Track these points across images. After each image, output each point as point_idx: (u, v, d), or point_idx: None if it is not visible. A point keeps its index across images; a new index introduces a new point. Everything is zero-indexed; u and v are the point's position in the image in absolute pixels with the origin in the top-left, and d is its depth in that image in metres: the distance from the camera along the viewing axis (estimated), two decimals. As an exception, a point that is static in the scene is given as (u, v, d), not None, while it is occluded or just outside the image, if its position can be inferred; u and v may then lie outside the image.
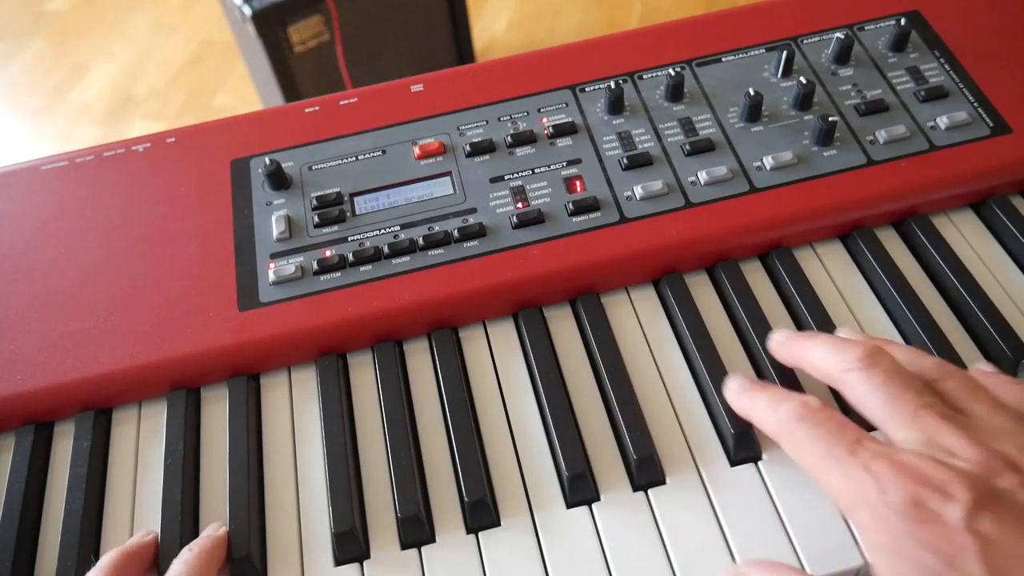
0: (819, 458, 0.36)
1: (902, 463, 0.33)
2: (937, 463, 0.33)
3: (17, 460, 0.46)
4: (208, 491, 0.45)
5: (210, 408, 0.48)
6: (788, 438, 0.38)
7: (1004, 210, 0.51)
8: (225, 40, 2.17)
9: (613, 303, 0.50)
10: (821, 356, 0.40)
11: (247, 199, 0.54)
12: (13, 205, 0.55)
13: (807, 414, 0.37)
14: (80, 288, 0.50)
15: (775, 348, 0.44)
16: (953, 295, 0.48)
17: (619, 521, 0.41)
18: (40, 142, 2.03)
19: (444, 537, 0.42)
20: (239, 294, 0.49)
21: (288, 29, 1.46)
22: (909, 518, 0.32)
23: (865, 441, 0.35)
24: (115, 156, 0.57)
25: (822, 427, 0.36)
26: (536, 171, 0.53)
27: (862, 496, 0.33)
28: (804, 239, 0.52)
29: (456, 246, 0.50)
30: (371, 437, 0.46)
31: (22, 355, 0.48)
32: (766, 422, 0.39)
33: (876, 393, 0.36)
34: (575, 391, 0.47)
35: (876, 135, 0.53)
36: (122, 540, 0.43)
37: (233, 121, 0.58)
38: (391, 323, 0.48)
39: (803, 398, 0.38)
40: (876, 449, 0.34)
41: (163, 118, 2.04)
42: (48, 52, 2.27)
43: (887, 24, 0.59)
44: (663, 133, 0.54)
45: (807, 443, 0.36)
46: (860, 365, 0.37)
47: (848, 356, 0.38)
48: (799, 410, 0.37)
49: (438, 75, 0.60)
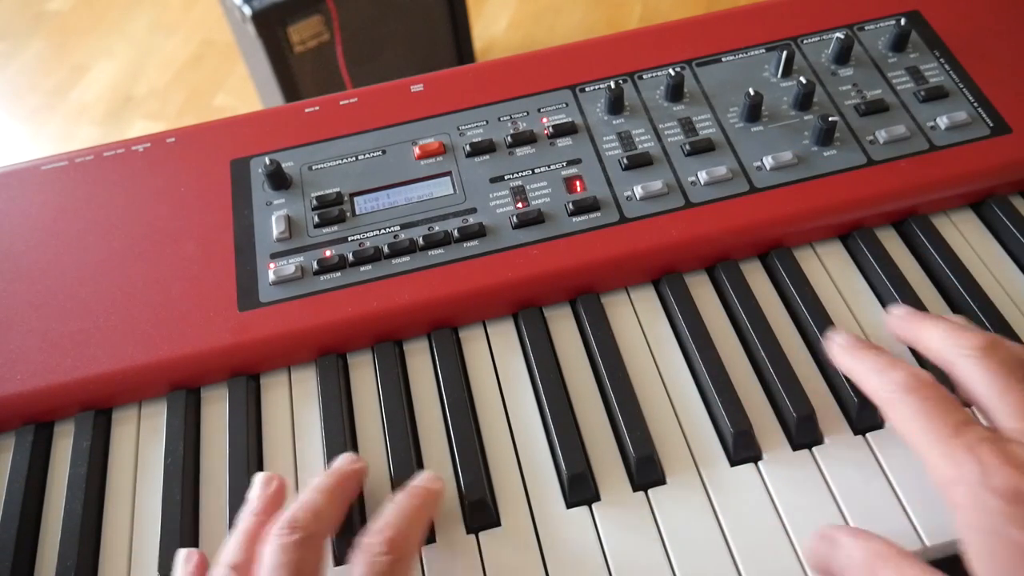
0: (923, 432, 0.36)
1: (1008, 451, 0.33)
2: None
3: (17, 460, 0.46)
4: (208, 491, 0.45)
5: (210, 408, 0.48)
6: (893, 407, 0.38)
7: (1004, 210, 0.51)
8: (225, 40, 2.17)
9: (613, 303, 0.50)
10: (940, 336, 0.40)
11: (247, 199, 0.54)
12: (13, 205, 0.55)
13: (918, 386, 0.37)
14: (80, 288, 0.50)
15: (893, 322, 0.44)
16: (953, 295, 0.48)
17: (619, 521, 0.41)
18: (40, 142, 2.03)
19: (444, 537, 0.42)
20: (239, 294, 0.49)
21: (288, 29, 1.46)
22: (1009, 502, 0.32)
23: (972, 423, 0.35)
24: (115, 156, 0.57)
25: (931, 402, 0.36)
26: (536, 171, 0.53)
27: (963, 476, 0.34)
28: (804, 239, 0.52)
29: (456, 246, 0.50)
30: (371, 437, 0.46)
31: (22, 355, 0.48)
32: (869, 384, 0.40)
33: (989, 381, 0.37)
34: (575, 391, 0.47)
35: (876, 135, 0.53)
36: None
37: (233, 121, 0.58)
38: (391, 323, 0.49)
39: (914, 369, 0.38)
40: (983, 433, 0.35)
41: (163, 118, 2.04)
42: (48, 52, 2.27)
43: (887, 24, 0.59)
44: (663, 133, 0.54)
45: (913, 416, 0.37)
46: (978, 352, 0.38)
47: (966, 342, 0.38)
48: (910, 381, 0.38)
49: (438, 75, 0.60)
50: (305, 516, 0.38)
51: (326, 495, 0.39)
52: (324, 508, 0.38)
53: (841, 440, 0.43)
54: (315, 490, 0.39)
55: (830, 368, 0.45)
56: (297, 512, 0.38)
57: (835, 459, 0.42)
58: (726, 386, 0.44)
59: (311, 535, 0.37)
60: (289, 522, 0.37)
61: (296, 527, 0.37)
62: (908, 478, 0.41)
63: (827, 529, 0.37)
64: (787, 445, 0.43)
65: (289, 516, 0.38)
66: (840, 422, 0.44)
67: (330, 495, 0.39)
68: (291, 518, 0.37)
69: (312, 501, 0.39)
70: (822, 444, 0.43)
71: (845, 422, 0.44)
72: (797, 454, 0.43)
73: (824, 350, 0.45)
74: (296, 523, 0.37)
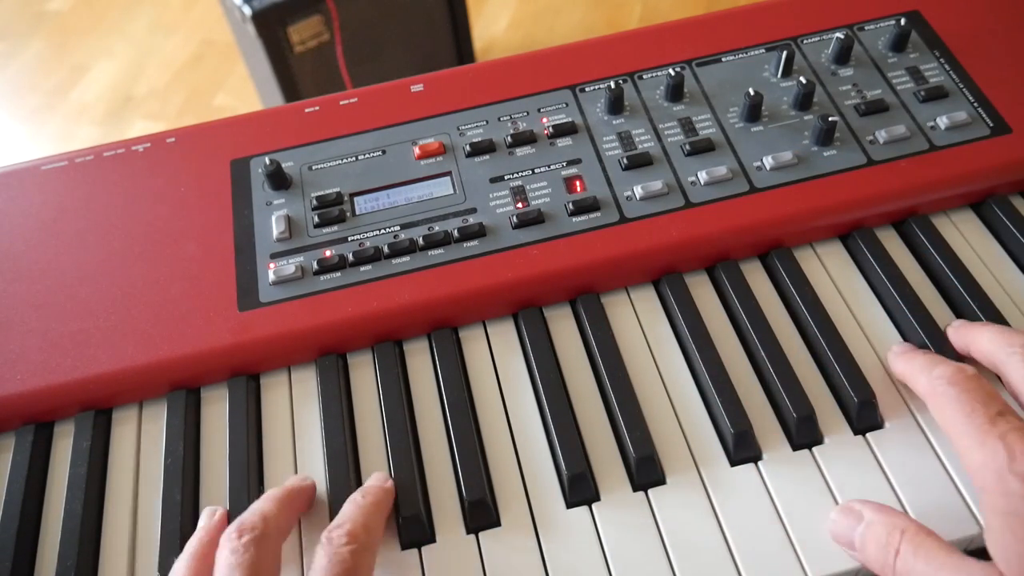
0: (960, 422, 0.37)
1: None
2: None
3: (17, 460, 0.46)
4: (208, 491, 0.45)
5: (210, 408, 0.48)
6: (936, 399, 0.39)
7: (1004, 210, 0.51)
8: (225, 40, 2.17)
9: (613, 303, 0.50)
10: (988, 338, 0.41)
11: (247, 199, 0.54)
12: (13, 205, 0.55)
13: (960, 379, 0.39)
14: (80, 288, 0.50)
15: (951, 333, 0.45)
16: (953, 295, 0.48)
17: (619, 521, 0.41)
18: (40, 142, 2.03)
19: (444, 537, 0.42)
20: (239, 294, 0.49)
21: (288, 29, 1.46)
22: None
23: (1008, 415, 0.36)
24: (115, 156, 0.57)
25: (970, 393, 0.38)
26: (536, 171, 0.53)
27: (991, 462, 0.34)
28: (804, 239, 0.52)
29: (456, 246, 0.50)
30: (371, 437, 0.46)
31: (22, 355, 0.48)
32: (919, 382, 0.41)
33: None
34: (575, 391, 0.47)
35: (876, 135, 0.53)
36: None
37: (233, 121, 0.58)
38: (391, 323, 0.48)
39: (959, 364, 0.40)
40: (1017, 424, 0.35)
41: (163, 118, 2.04)
42: (48, 52, 2.27)
43: (887, 24, 0.59)
44: (663, 133, 0.54)
45: (952, 406, 0.38)
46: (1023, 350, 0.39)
47: (1014, 340, 0.40)
48: (953, 374, 0.39)
49: (438, 75, 0.60)
50: (252, 519, 0.38)
51: (274, 502, 0.40)
52: (272, 513, 0.39)
53: (841, 440, 0.43)
54: (264, 499, 0.40)
55: (830, 368, 0.45)
56: (245, 517, 0.39)
57: (835, 459, 0.42)
58: (726, 386, 0.44)
59: (262, 535, 0.37)
60: (238, 526, 0.38)
61: (244, 529, 0.38)
62: (908, 478, 0.41)
63: (852, 502, 0.39)
64: (787, 445, 0.43)
65: (238, 522, 0.38)
66: (840, 422, 0.44)
67: (278, 502, 0.40)
68: (239, 523, 0.38)
69: (259, 507, 0.39)
70: (822, 444, 0.43)
71: (845, 422, 0.44)
72: (797, 454, 0.43)
73: (824, 350, 0.45)
74: (244, 525, 0.38)
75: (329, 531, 0.38)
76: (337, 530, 0.38)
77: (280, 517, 0.39)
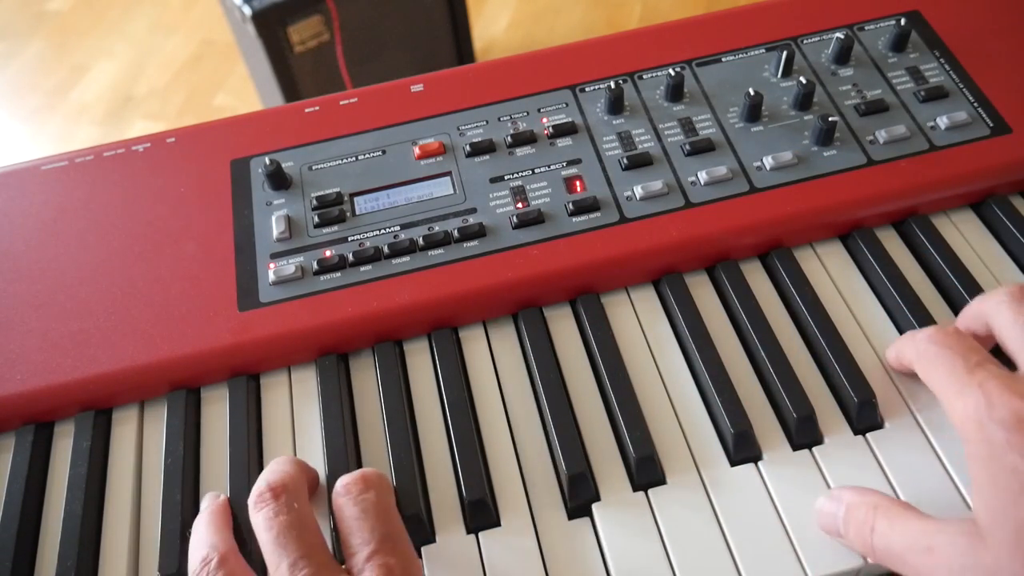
0: (942, 376, 0.37)
1: (1016, 387, 0.34)
2: None
3: (17, 460, 0.46)
4: (208, 491, 0.45)
5: (210, 408, 0.48)
6: (920, 360, 0.40)
7: (1004, 210, 0.51)
8: (225, 40, 2.17)
9: (613, 303, 0.50)
10: (979, 298, 0.42)
11: (247, 199, 0.54)
12: (13, 205, 0.55)
13: (940, 336, 0.39)
14: (80, 288, 0.50)
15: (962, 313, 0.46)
16: (953, 295, 0.48)
17: (619, 521, 0.41)
18: (40, 142, 2.03)
19: (444, 537, 0.42)
20: (239, 294, 0.49)
21: (288, 29, 1.46)
22: (1010, 430, 0.33)
23: (987, 364, 0.36)
24: (115, 156, 0.57)
25: (951, 348, 0.38)
26: (536, 171, 0.53)
27: (971, 411, 0.35)
28: (804, 239, 0.52)
29: (456, 246, 0.50)
30: (371, 437, 0.46)
31: (22, 355, 0.48)
32: (907, 351, 0.42)
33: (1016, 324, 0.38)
34: (575, 391, 0.47)
35: (876, 135, 0.53)
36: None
37: (233, 121, 0.58)
38: (391, 323, 0.48)
39: (939, 326, 0.40)
40: (995, 371, 0.35)
41: (163, 118, 2.04)
42: (48, 52, 2.27)
43: (887, 24, 0.59)
44: (663, 133, 0.54)
45: (935, 363, 0.38)
46: (1008, 298, 0.39)
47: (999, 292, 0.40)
48: (934, 332, 0.40)
49: (438, 75, 0.60)
50: (274, 479, 0.38)
51: (290, 463, 0.40)
52: (292, 474, 0.39)
53: (841, 440, 0.43)
54: (276, 462, 0.40)
55: (830, 368, 0.45)
56: (268, 477, 0.38)
57: (835, 459, 0.42)
58: (726, 386, 0.44)
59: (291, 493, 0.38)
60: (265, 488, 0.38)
61: (275, 488, 0.37)
62: (908, 478, 0.41)
63: (833, 490, 0.39)
64: (787, 445, 0.43)
65: (262, 484, 0.38)
66: (840, 422, 0.44)
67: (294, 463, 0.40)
68: (264, 486, 0.38)
69: (278, 470, 0.39)
70: (822, 444, 0.43)
71: (845, 422, 0.44)
72: (797, 454, 0.43)
73: (824, 350, 0.45)
74: (273, 485, 0.38)
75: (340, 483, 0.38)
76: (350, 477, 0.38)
77: (300, 477, 0.40)
